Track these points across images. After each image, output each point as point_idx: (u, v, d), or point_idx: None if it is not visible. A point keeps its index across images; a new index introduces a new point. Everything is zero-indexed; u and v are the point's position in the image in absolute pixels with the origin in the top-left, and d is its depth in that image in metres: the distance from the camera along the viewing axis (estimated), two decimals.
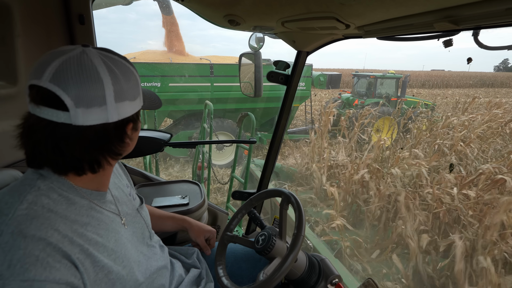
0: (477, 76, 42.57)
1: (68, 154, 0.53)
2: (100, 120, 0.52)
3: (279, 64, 1.28)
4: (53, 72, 0.49)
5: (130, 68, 0.58)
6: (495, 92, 28.14)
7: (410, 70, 54.87)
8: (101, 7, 2.08)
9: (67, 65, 0.50)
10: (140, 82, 0.61)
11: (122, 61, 0.57)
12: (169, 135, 1.45)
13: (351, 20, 0.72)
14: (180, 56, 6.56)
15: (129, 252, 0.64)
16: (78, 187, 0.58)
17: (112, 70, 0.53)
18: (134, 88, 0.58)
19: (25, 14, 0.93)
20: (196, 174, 3.84)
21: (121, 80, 0.54)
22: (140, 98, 0.61)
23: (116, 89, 0.53)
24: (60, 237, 0.50)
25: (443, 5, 0.52)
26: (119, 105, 0.54)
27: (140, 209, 0.78)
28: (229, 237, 0.93)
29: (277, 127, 1.42)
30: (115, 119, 0.54)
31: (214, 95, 5.95)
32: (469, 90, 30.47)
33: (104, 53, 0.55)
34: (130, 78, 0.57)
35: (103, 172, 0.61)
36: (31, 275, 0.44)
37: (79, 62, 0.51)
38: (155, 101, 0.72)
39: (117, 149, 0.59)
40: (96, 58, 0.53)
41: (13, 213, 0.48)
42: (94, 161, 0.57)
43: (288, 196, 0.87)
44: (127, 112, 0.56)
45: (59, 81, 0.48)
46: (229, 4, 0.78)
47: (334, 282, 0.89)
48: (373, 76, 8.82)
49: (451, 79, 36.11)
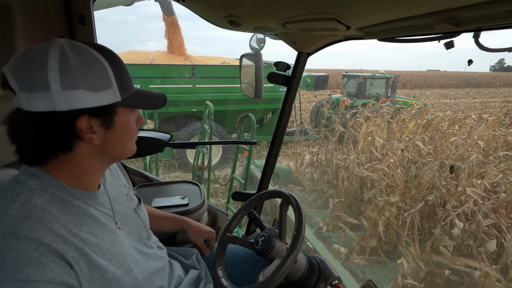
0: (463, 76, 42.39)
1: (22, 142, 0.52)
2: (47, 107, 0.49)
3: (279, 65, 1.28)
4: (15, 57, 0.50)
5: (97, 56, 0.53)
6: (475, 92, 27.99)
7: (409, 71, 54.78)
8: (102, 8, 2.09)
9: (28, 51, 0.50)
10: (113, 73, 0.55)
11: (88, 49, 0.53)
12: (169, 135, 1.45)
13: (352, 21, 0.72)
14: (181, 57, 6.55)
15: (126, 252, 0.64)
16: (70, 188, 0.57)
17: (65, 55, 0.50)
18: (97, 78, 0.52)
19: (26, 14, 0.93)
20: (196, 174, 3.85)
21: (72, 66, 0.50)
22: (113, 91, 0.55)
23: (63, 74, 0.49)
24: (54, 236, 0.49)
25: (443, 6, 0.52)
26: (67, 93, 0.49)
27: (138, 209, 0.78)
28: (229, 238, 0.93)
29: (277, 128, 1.42)
30: (63, 108, 0.50)
31: (196, 97, 5.83)
32: (451, 90, 30.38)
33: (72, 42, 0.52)
34: (92, 66, 0.52)
35: (87, 171, 0.59)
36: (24, 275, 0.43)
37: (35, 48, 0.50)
38: (155, 101, 0.65)
39: (68, 142, 0.54)
40: (56, 44, 0.50)
41: (5, 213, 0.48)
42: (40, 151, 0.53)
43: (288, 197, 0.87)
44: (82, 103, 0.51)
45: (13, 64, 0.49)
46: (230, 5, 0.78)
47: (334, 283, 0.89)
48: (362, 77, 8.79)
49: (434, 79, 35.98)
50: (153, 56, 6.19)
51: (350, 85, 9.35)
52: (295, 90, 1.32)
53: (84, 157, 0.57)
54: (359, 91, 8.89)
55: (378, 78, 8.83)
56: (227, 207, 2.85)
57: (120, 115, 0.59)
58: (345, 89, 9.47)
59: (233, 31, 1.03)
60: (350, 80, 9.37)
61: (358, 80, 8.98)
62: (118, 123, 0.59)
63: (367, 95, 8.73)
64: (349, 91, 9.23)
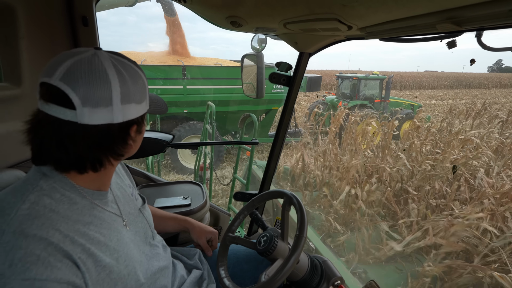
0: (456, 77, 41.96)
1: (72, 152, 0.54)
2: (105, 120, 0.53)
3: (281, 66, 1.28)
4: (64, 72, 0.50)
5: (139, 72, 0.60)
6: (465, 93, 27.78)
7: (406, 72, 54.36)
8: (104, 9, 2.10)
9: (78, 66, 0.51)
10: (147, 86, 0.63)
11: (131, 65, 0.59)
12: (171, 136, 1.46)
13: (353, 21, 0.72)
14: (183, 58, 6.53)
15: (132, 251, 0.65)
16: (79, 187, 0.58)
17: (120, 72, 0.55)
18: (141, 91, 0.59)
19: (29, 15, 0.94)
20: (198, 175, 3.85)
21: (128, 83, 0.55)
22: (146, 101, 0.62)
23: (123, 91, 0.54)
24: (62, 236, 0.50)
25: (445, 6, 0.52)
26: (124, 107, 0.55)
27: (143, 209, 0.79)
28: (231, 238, 0.93)
29: (279, 128, 1.42)
30: (120, 120, 0.55)
31: (187, 97, 5.76)
32: (441, 91, 30.14)
33: (114, 56, 0.57)
34: (138, 81, 0.58)
35: (105, 172, 0.62)
36: (32, 274, 0.44)
37: (90, 63, 0.52)
38: (161, 106, 0.73)
39: (120, 150, 0.59)
40: (106, 60, 0.54)
41: (15, 213, 0.49)
42: (96, 160, 0.57)
43: (290, 198, 0.87)
44: (132, 114, 0.58)
45: (69, 80, 0.50)
46: (232, 5, 0.79)
47: (336, 284, 0.89)
48: (356, 78, 8.66)
49: (425, 80, 35.57)
50: (145, 57, 6.11)
51: (344, 86, 9.20)
52: (297, 90, 1.32)
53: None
54: (353, 92, 8.74)
55: (372, 79, 8.69)
56: (229, 207, 2.85)
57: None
58: (340, 90, 9.33)
59: (233, 32, 1.03)
60: (344, 81, 9.21)
61: (352, 81, 8.82)
62: (142, 129, 0.65)
63: (362, 96, 8.60)
64: (344, 92, 9.09)
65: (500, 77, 45.39)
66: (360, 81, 8.61)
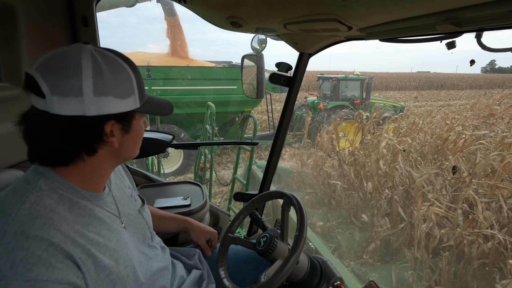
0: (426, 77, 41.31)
1: (45, 143, 0.53)
2: (76, 111, 0.51)
3: (281, 66, 1.28)
4: (42, 61, 0.51)
5: (124, 66, 0.57)
6: (431, 94, 27.25)
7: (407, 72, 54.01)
8: (105, 9, 2.10)
9: (55, 56, 0.51)
10: (138, 83, 0.59)
11: (116, 58, 0.56)
12: (171, 136, 1.46)
13: (353, 22, 0.72)
14: (183, 60, 6.52)
15: (131, 252, 0.65)
16: (78, 188, 0.58)
17: (97, 63, 0.52)
18: (124, 86, 0.56)
19: (29, 16, 0.94)
20: (198, 175, 3.85)
21: (105, 75, 0.53)
22: (135, 98, 0.59)
23: (96, 82, 0.52)
24: (63, 237, 0.50)
25: (445, 7, 0.52)
26: (98, 99, 0.52)
27: (142, 210, 0.79)
28: (231, 239, 0.93)
29: (279, 128, 1.42)
30: (92, 113, 0.52)
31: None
32: (409, 92, 29.57)
33: (99, 49, 0.55)
34: (121, 75, 0.56)
35: (98, 173, 0.61)
36: (34, 275, 0.44)
37: (67, 54, 0.52)
38: (164, 108, 0.69)
39: (94, 146, 0.56)
40: (86, 52, 0.53)
41: (16, 213, 0.49)
42: (66, 154, 0.55)
43: (290, 198, 0.87)
44: (109, 109, 0.54)
45: (42, 68, 0.50)
46: (232, 6, 0.79)
47: (336, 284, 0.88)
48: (335, 78, 8.49)
49: (392, 81, 34.80)
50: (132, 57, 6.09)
51: (325, 87, 9.01)
52: (297, 91, 1.32)
53: (100, 159, 0.60)
54: (334, 93, 8.56)
55: (351, 79, 8.52)
56: (229, 208, 2.85)
57: (136, 120, 0.63)
58: (321, 92, 9.15)
59: (234, 33, 1.03)
60: (324, 82, 9.03)
61: (332, 82, 8.63)
62: (134, 128, 0.62)
63: (342, 97, 8.45)
64: (325, 94, 8.91)
65: (474, 77, 44.33)
66: (340, 82, 8.43)
